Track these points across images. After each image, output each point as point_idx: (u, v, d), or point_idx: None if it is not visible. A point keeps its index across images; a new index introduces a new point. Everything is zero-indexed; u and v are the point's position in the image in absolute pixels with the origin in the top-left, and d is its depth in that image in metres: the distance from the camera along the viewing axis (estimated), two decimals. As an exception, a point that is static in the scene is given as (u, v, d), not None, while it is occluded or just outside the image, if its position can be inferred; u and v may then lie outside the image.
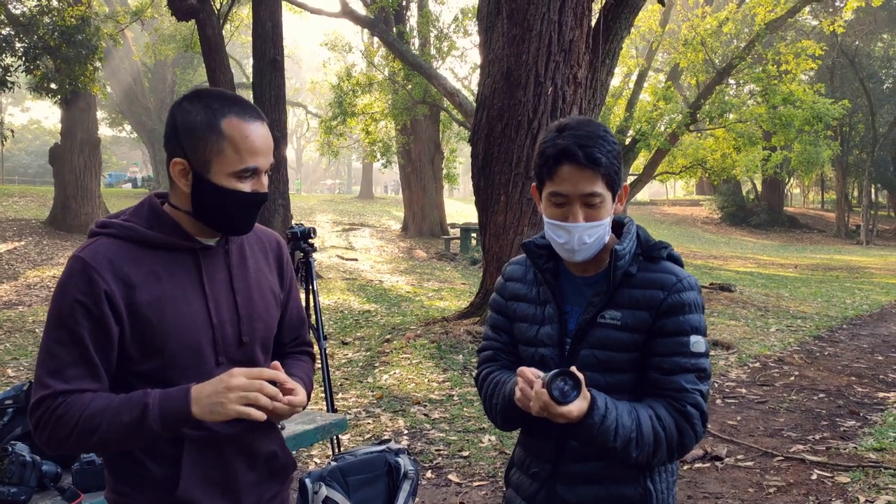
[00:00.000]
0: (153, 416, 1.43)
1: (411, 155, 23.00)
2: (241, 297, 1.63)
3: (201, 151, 1.51)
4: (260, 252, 1.74)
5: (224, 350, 1.59)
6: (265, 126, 1.56)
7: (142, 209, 1.59)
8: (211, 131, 1.50)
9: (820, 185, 50.85)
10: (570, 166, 1.58)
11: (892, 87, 36.74)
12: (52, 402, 1.44)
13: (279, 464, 1.71)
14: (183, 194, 1.57)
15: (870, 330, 10.09)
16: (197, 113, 1.52)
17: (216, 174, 1.52)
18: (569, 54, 7.52)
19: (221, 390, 1.44)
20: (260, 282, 1.70)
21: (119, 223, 1.56)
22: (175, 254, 1.57)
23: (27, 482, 2.16)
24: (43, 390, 1.45)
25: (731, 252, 27.82)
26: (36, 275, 13.57)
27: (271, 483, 1.71)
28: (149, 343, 1.50)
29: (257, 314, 1.66)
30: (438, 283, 14.28)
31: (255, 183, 1.56)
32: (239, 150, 1.51)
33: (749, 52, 18.93)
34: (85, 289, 1.46)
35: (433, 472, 4.60)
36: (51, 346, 1.47)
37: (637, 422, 1.57)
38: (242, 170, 1.52)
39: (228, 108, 1.52)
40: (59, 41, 14.13)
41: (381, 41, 17.74)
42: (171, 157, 1.55)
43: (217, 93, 1.57)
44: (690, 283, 1.66)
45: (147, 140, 33.09)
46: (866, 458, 4.73)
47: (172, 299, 1.53)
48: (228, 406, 1.43)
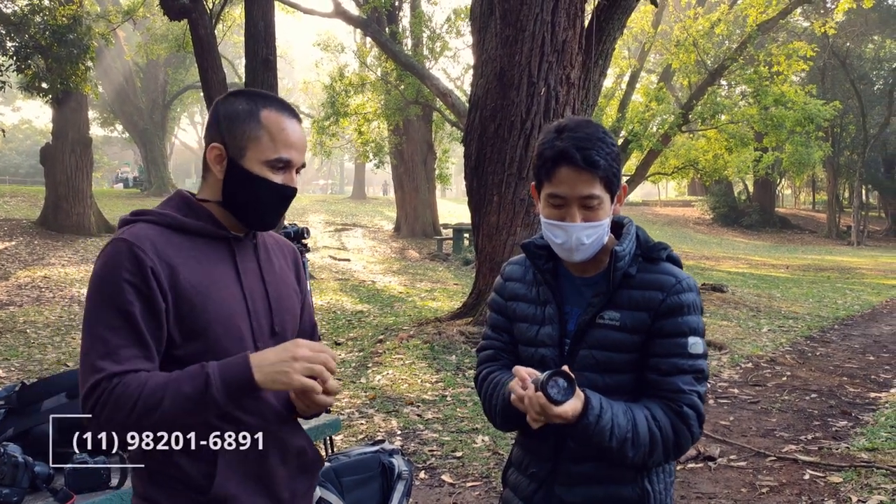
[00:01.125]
0: (216, 385, 1.40)
1: (404, 155, 22.99)
2: (271, 288, 1.66)
3: (239, 137, 1.56)
4: (280, 254, 1.78)
5: (260, 338, 1.60)
6: (301, 126, 1.62)
7: (173, 200, 1.62)
8: (250, 118, 1.56)
9: (811, 186, 51.11)
10: (567, 169, 1.58)
11: (883, 88, 36.94)
12: (108, 383, 1.40)
13: (308, 459, 1.72)
14: (215, 181, 1.60)
15: (861, 330, 10.14)
16: (240, 103, 1.59)
17: (250, 160, 1.56)
18: (562, 55, 7.53)
19: (286, 359, 1.43)
20: (284, 278, 1.74)
21: (155, 210, 1.58)
22: (210, 241, 1.58)
23: (19, 483, 2.14)
24: (96, 374, 1.41)
25: (722, 253, 27.91)
26: (27, 275, 13.49)
27: (302, 478, 1.71)
28: (190, 326, 1.50)
29: (286, 307, 1.69)
30: (431, 284, 14.28)
31: (286, 177, 1.59)
32: (275, 139, 1.56)
33: (741, 54, 19.02)
34: (132, 268, 1.45)
35: (426, 472, 4.59)
36: (99, 330, 1.43)
37: (633, 422, 1.57)
38: (276, 159, 1.56)
39: (270, 102, 1.59)
40: (51, 40, 14.04)
41: (374, 41, 17.72)
42: (209, 142, 1.59)
43: (261, 91, 1.65)
44: (689, 285, 1.66)
45: (139, 140, 32.97)
46: (858, 457, 4.75)
47: (213, 284, 1.54)
48: (293, 375, 1.42)
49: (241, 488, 1.55)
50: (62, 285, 12.64)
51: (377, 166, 22.87)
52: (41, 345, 8.27)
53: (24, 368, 7.15)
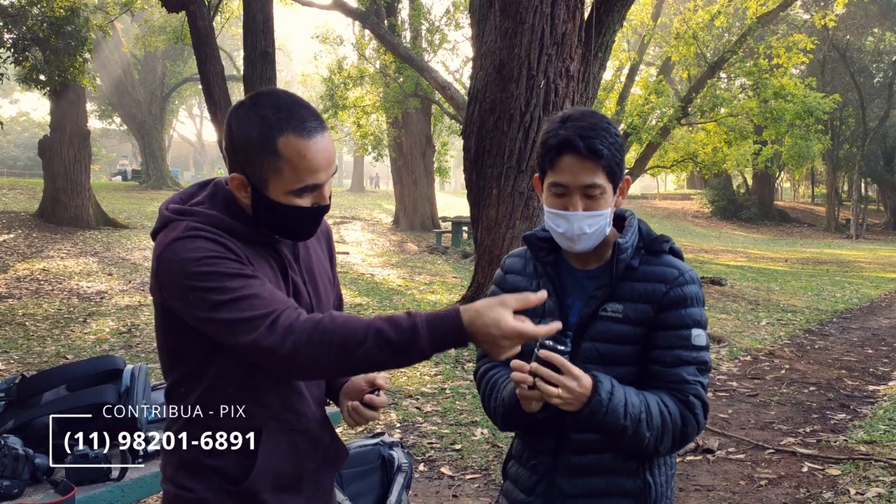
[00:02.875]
0: (423, 336, 1.36)
1: (402, 148, 22.95)
2: (310, 286, 1.66)
3: (258, 169, 1.47)
4: (316, 239, 1.73)
5: None
6: (326, 136, 1.48)
7: (217, 198, 1.56)
8: (267, 150, 1.44)
9: (810, 180, 51.09)
10: (570, 157, 1.58)
11: (883, 81, 36.89)
12: (292, 313, 1.39)
13: (335, 452, 1.74)
14: (245, 203, 1.54)
15: (860, 323, 10.16)
16: (253, 127, 1.45)
17: (274, 192, 1.48)
18: (561, 47, 7.50)
19: (497, 335, 1.36)
20: (321, 270, 1.73)
21: (202, 211, 1.52)
22: (256, 244, 1.55)
23: (20, 475, 2.15)
24: (263, 320, 1.37)
25: (721, 246, 27.92)
26: (25, 268, 13.48)
27: (327, 472, 1.73)
28: None
29: (324, 304, 1.69)
30: (430, 277, 14.28)
31: (317, 197, 1.52)
32: (297, 169, 1.45)
33: (740, 46, 18.97)
34: (213, 246, 1.43)
35: (426, 465, 4.60)
36: (233, 302, 1.38)
37: (645, 402, 1.58)
38: (301, 188, 1.48)
39: (286, 122, 1.44)
40: (48, 32, 13.99)
41: (373, 34, 17.66)
42: (230, 170, 1.53)
43: (273, 102, 1.47)
44: (692, 277, 1.67)
45: (137, 132, 32.88)
46: (857, 450, 4.77)
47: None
48: (503, 351, 1.39)
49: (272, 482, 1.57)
50: (61, 278, 12.63)
51: (376, 159, 22.83)
52: (40, 337, 8.27)
53: (24, 361, 7.15)
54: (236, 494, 1.54)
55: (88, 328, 8.81)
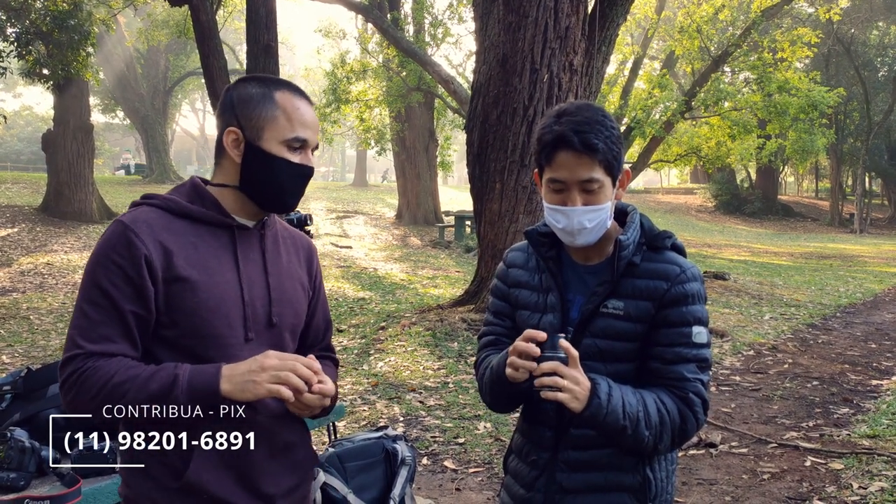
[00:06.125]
0: (181, 387, 1.44)
1: (406, 142, 22.92)
2: (272, 279, 1.66)
3: (255, 119, 1.59)
4: (292, 248, 1.79)
5: (254, 328, 1.60)
6: (312, 107, 1.66)
7: (184, 187, 1.66)
8: (265, 100, 1.60)
9: (814, 174, 50.93)
10: (566, 153, 1.58)
11: (888, 75, 36.72)
12: (82, 363, 1.45)
13: (298, 456, 1.71)
14: (232, 166, 1.63)
15: (863, 318, 10.15)
16: (253, 87, 1.63)
17: (268, 141, 1.59)
18: (565, 41, 7.48)
19: (255, 369, 1.46)
20: (290, 271, 1.74)
21: (162, 195, 1.62)
22: (212, 228, 1.61)
23: (26, 467, 2.16)
24: (73, 349, 1.47)
25: (724, 240, 27.88)
26: (29, 261, 13.52)
27: (291, 475, 1.69)
28: (178, 309, 1.52)
29: (287, 299, 1.69)
30: (433, 271, 14.28)
31: (303, 157, 1.63)
32: (291, 119, 1.60)
33: (745, 40, 18.87)
34: (124, 251, 1.49)
35: (429, 458, 4.62)
36: (84, 307, 1.49)
37: (642, 401, 1.57)
38: (293, 138, 1.60)
39: (281, 84, 1.64)
40: (52, 26, 13.99)
41: (376, 27, 17.61)
42: (224, 127, 1.62)
43: (269, 75, 1.70)
44: (694, 274, 1.66)
45: (140, 126, 32.91)
46: (860, 444, 4.77)
47: (206, 269, 1.56)
48: (260, 384, 1.46)
49: (216, 477, 1.55)
50: (65, 272, 12.66)
51: (379, 153, 22.80)
52: (45, 331, 8.30)
53: (28, 354, 7.18)
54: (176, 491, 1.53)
55: (92, 322, 8.82)
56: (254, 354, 1.52)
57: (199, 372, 1.47)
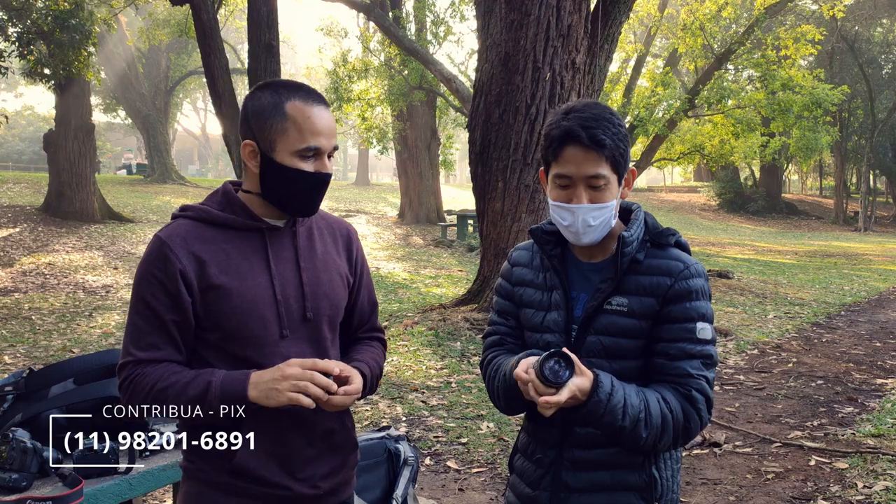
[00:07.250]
0: (214, 394, 1.57)
1: (408, 141, 22.91)
2: (306, 274, 1.73)
3: (267, 132, 1.63)
4: (329, 238, 1.85)
5: (289, 324, 1.68)
6: (328, 111, 1.68)
7: (216, 195, 1.73)
8: (276, 113, 1.62)
9: (818, 172, 50.82)
10: (573, 148, 1.58)
11: (892, 72, 36.66)
12: (133, 369, 1.61)
13: (338, 441, 1.79)
14: (253, 175, 1.69)
15: (868, 316, 10.12)
16: (265, 97, 1.65)
17: (280, 153, 1.63)
18: (567, 39, 7.46)
19: (277, 377, 1.56)
20: (327, 263, 1.80)
21: (195, 206, 1.71)
22: (243, 233, 1.69)
23: (28, 468, 2.15)
24: (126, 357, 1.63)
25: (728, 239, 27.84)
26: (31, 261, 13.53)
27: (331, 458, 1.78)
28: (216, 314, 1.63)
29: (323, 292, 1.75)
30: (435, 270, 14.27)
31: (318, 164, 1.66)
32: (301, 130, 1.62)
33: (748, 37, 18.85)
34: (161, 266, 1.61)
35: (432, 458, 4.60)
36: (133, 318, 1.64)
37: (645, 402, 1.56)
38: (304, 149, 1.63)
39: (294, 92, 1.65)
40: (53, 26, 13.99)
41: (377, 26, 17.60)
42: (243, 139, 1.68)
43: (286, 81, 1.69)
44: (698, 271, 1.65)
45: (141, 126, 32.91)
46: (864, 444, 4.75)
47: (238, 275, 1.64)
48: (282, 392, 1.55)
49: (261, 464, 1.66)
50: (66, 272, 12.67)
51: (381, 152, 22.80)
52: (46, 331, 8.30)
53: (30, 355, 7.18)
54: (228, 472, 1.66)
55: (94, 322, 8.84)
56: (290, 350, 1.65)
57: (231, 379, 1.58)
